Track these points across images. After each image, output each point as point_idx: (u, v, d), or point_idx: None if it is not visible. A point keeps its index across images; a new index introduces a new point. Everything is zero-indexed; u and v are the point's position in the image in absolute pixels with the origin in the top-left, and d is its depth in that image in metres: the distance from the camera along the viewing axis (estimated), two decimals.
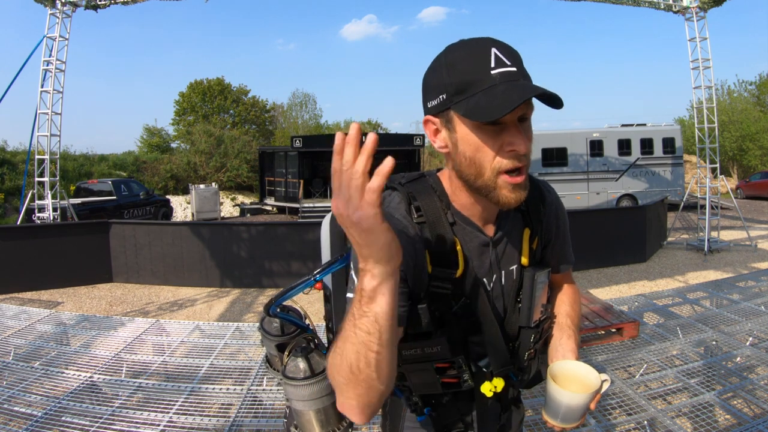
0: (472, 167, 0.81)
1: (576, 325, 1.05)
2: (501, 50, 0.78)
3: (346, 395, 0.71)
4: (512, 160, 0.79)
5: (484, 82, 0.76)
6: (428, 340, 0.85)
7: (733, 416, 2.20)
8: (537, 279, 0.94)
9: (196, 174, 21.78)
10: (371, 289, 0.64)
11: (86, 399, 2.47)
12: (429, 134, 0.87)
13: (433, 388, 0.90)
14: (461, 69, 0.78)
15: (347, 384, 0.69)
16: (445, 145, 0.85)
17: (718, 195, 9.34)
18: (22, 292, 6.57)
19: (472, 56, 0.78)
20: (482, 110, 0.75)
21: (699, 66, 8.75)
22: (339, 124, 34.74)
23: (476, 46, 0.79)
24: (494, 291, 0.94)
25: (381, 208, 0.59)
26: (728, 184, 9.20)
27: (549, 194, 1.00)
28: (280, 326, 1.02)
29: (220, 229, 7.58)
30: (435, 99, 0.82)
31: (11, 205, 14.78)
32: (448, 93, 0.79)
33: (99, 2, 8.18)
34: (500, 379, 0.93)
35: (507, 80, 0.76)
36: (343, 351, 0.69)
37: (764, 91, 25.59)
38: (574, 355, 0.99)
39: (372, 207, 0.58)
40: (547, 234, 1.00)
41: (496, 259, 0.93)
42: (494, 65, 0.76)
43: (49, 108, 7.90)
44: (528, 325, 0.95)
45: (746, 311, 3.40)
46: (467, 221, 0.90)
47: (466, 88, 0.77)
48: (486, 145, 0.79)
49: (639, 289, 6.05)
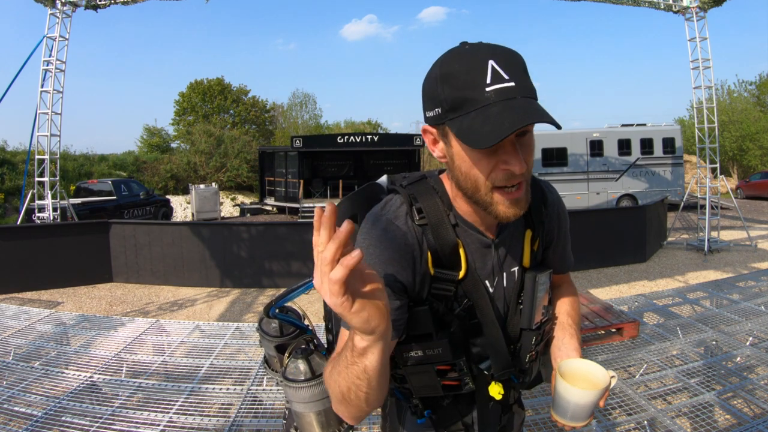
0: (468, 182, 0.81)
1: (577, 324, 1.05)
2: (499, 62, 0.73)
3: (338, 408, 0.78)
4: (507, 178, 0.78)
5: (478, 102, 0.73)
6: (430, 342, 0.85)
7: (733, 416, 2.20)
8: (538, 281, 0.93)
9: (196, 174, 21.78)
10: (361, 348, 0.67)
11: (86, 399, 2.47)
12: (428, 143, 0.86)
13: (433, 391, 0.90)
14: (456, 84, 0.75)
15: (339, 402, 0.76)
16: (443, 155, 0.84)
17: (718, 195, 9.34)
18: (22, 292, 6.57)
19: (468, 70, 0.74)
20: (474, 135, 0.72)
21: (699, 66, 8.75)
22: (339, 124, 34.77)
23: (473, 58, 0.74)
24: (496, 293, 0.93)
25: (348, 296, 0.58)
26: (728, 184, 9.19)
27: (551, 194, 0.99)
28: (278, 327, 1.01)
29: (220, 229, 7.58)
30: (431, 111, 0.80)
31: (11, 205, 14.78)
32: (443, 108, 0.77)
33: (99, 2, 8.18)
34: (500, 383, 0.93)
35: (503, 98, 0.72)
36: (337, 380, 0.73)
37: (764, 91, 25.58)
38: (578, 353, 0.99)
39: (336, 296, 0.58)
40: (548, 235, 1.00)
41: (498, 261, 0.92)
42: (490, 81, 0.72)
43: (49, 108, 7.90)
44: (529, 327, 0.94)
45: (746, 311, 3.40)
46: (469, 224, 0.89)
47: (461, 105, 0.74)
48: (480, 163, 0.78)
49: (639, 289, 6.05)
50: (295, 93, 38.48)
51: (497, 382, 0.93)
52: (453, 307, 0.88)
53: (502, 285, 0.93)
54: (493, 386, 0.92)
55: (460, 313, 0.88)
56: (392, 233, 0.82)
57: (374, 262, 0.81)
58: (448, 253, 0.86)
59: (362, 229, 0.85)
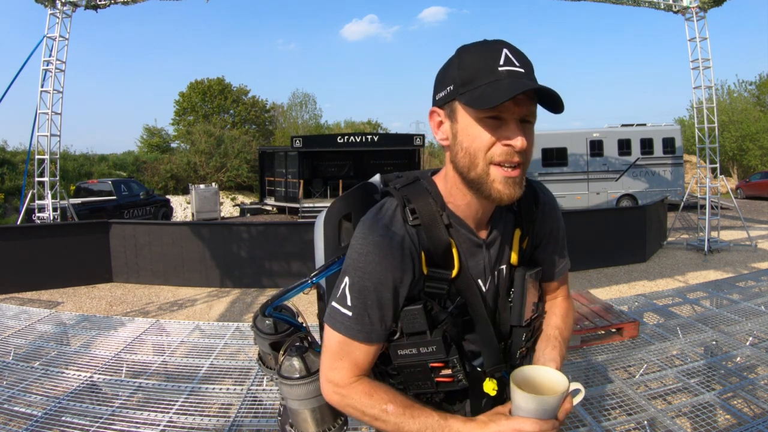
0: (466, 157, 0.83)
1: (565, 339, 1.03)
2: (512, 52, 0.81)
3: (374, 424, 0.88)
4: (506, 154, 0.81)
5: (490, 76, 0.79)
6: (424, 340, 0.87)
7: (733, 416, 2.20)
8: (527, 278, 0.95)
9: (196, 174, 21.78)
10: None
11: (86, 399, 2.47)
12: (433, 126, 0.90)
13: (427, 387, 0.92)
14: (471, 64, 0.81)
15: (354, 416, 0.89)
16: (446, 137, 0.87)
17: (718, 195, 9.34)
18: (22, 292, 6.57)
19: (483, 54, 0.81)
20: (483, 99, 0.78)
21: (699, 66, 8.74)
22: (339, 124, 34.76)
23: (489, 46, 0.82)
24: (488, 291, 0.95)
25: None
26: (728, 184, 9.19)
27: (543, 195, 1.01)
28: (272, 325, 1.02)
29: (220, 229, 7.58)
30: (443, 91, 0.85)
31: (11, 205, 14.78)
32: (455, 84, 0.82)
33: (99, 2, 8.18)
34: (494, 380, 0.94)
35: (513, 77, 0.79)
36: (364, 412, 0.87)
37: (764, 91, 25.57)
38: (555, 365, 0.95)
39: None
40: (539, 234, 1.01)
41: (489, 261, 0.94)
42: (503, 63, 0.79)
43: (49, 108, 7.90)
44: (519, 323, 0.96)
45: (746, 311, 3.40)
46: (461, 223, 0.91)
47: (473, 80, 0.80)
48: (482, 137, 0.81)
49: (639, 289, 6.04)
50: (295, 93, 38.48)
51: (491, 378, 0.95)
52: (446, 305, 0.90)
53: (493, 283, 0.96)
54: (488, 382, 0.94)
55: (453, 311, 0.90)
56: (390, 239, 0.84)
57: (374, 270, 0.84)
58: (441, 252, 0.88)
59: (359, 235, 0.86)
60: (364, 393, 0.87)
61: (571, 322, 1.09)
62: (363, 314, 0.85)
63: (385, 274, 0.84)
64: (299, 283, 0.95)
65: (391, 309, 0.86)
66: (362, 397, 0.86)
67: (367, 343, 0.87)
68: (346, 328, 0.86)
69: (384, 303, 0.85)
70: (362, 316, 0.85)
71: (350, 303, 0.85)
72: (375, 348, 0.88)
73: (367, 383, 0.88)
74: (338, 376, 0.88)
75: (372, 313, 0.85)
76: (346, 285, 0.86)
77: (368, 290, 0.84)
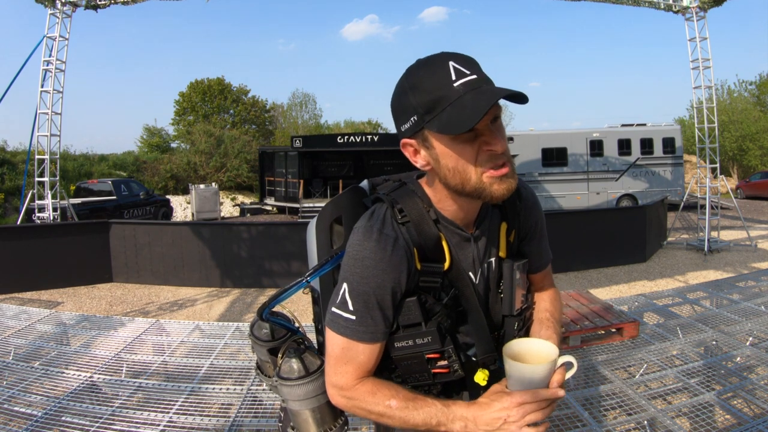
0: (457, 176, 0.85)
1: (556, 319, 1.08)
2: (458, 62, 0.81)
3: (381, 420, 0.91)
4: (492, 157, 0.83)
5: (450, 97, 0.79)
6: (419, 332, 0.90)
7: (733, 416, 2.20)
8: (515, 269, 0.99)
9: (196, 174, 21.76)
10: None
11: (86, 399, 2.47)
12: (409, 156, 0.91)
13: (423, 378, 0.94)
14: (425, 88, 0.81)
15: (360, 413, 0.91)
16: (426, 163, 0.89)
17: (718, 195, 9.35)
18: (22, 292, 6.56)
19: (433, 74, 0.81)
20: (454, 123, 0.78)
21: (699, 66, 8.74)
22: (339, 124, 34.75)
23: (434, 64, 0.82)
24: (478, 284, 0.98)
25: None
26: (728, 184, 9.19)
27: (525, 190, 1.05)
28: (270, 331, 1.04)
29: (220, 229, 7.57)
30: (407, 122, 0.85)
31: (11, 205, 14.78)
32: (418, 114, 0.82)
33: (99, 2, 8.18)
34: (486, 370, 0.97)
35: (471, 89, 0.79)
36: (370, 411, 0.89)
37: (764, 91, 25.56)
38: (553, 342, 0.98)
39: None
40: (524, 227, 1.05)
41: (477, 254, 0.97)
42: (455, 78, 0.79)
43: (49, 108, 7.90)
44: (511, 313, 1.00)
45: (746, 311, 3.40)
46: (448, 220, 0.94)
47: (435, 105, 0.80)
48: (465, 152, 0.83)
49: (639, 289, 6.04)
50: (295, 93, 38.34)
51: (483, 369, 0.97)
52: (440, 297, 0.93)
53: (483, 276, 0.99)
54: (479, 373, 0.96)
55: (448, 303, 0.93)
56: (384, 242, 0.87)
57: (372, 274, 0.86)
58: (432, 246, 0.91)
59: (354, 242, 0.89)
60: (368, 392, 0.89)
61: (560, 305, 1.14)
62: (366, 316, 0.88)
63: (383, 277, 0.86)
64: (295, 283, 0.97)
65: (391, 308, 0.89)
66: (366, 397, 0.89)
67: (372, 343, 0.89)
68: (351, 331, 0.88)
69: (384, 303, 0.88)
70: (365, 318, 0.88)
71: (352, 307, 0.88)
72: (379, 346, 0.91)
73: (370, 382, 0.91)
74: (343, 380, 0.90)
75: (374, 314, 0.88)
76: (346, 291, 0.88)
77: (368, 294, 0.87)
